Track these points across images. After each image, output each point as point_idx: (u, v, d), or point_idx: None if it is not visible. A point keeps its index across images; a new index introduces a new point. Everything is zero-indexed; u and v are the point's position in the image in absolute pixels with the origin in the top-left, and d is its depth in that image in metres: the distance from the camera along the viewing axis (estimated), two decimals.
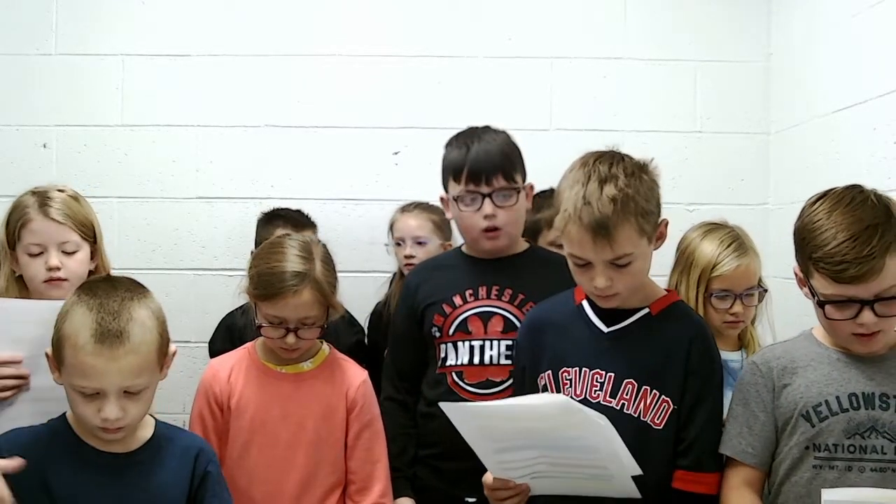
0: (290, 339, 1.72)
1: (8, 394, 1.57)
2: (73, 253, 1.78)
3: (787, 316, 2.01)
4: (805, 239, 1.44)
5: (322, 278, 1.73)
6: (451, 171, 1.88)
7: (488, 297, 1.89)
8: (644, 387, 1.53)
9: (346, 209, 2.62)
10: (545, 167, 1.64)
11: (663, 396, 1.53)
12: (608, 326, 1.58)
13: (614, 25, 2.65)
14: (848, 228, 1.38)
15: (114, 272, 1.70)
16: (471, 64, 2.65)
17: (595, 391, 1.54)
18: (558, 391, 1.56)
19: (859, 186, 1.46)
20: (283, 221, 2.41)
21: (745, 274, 1.89)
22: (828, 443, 1.42)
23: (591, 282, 1.51)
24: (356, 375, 1.84)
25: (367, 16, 2.65)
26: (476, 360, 1.85)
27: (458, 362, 1.87)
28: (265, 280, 1.72)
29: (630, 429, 1.51)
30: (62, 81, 2.63)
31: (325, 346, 1.87)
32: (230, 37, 2.64)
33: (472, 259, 1.95)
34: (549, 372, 1.58)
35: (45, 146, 2.63)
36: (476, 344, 1.86)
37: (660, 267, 2.54)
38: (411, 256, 2.38)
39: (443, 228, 2.43)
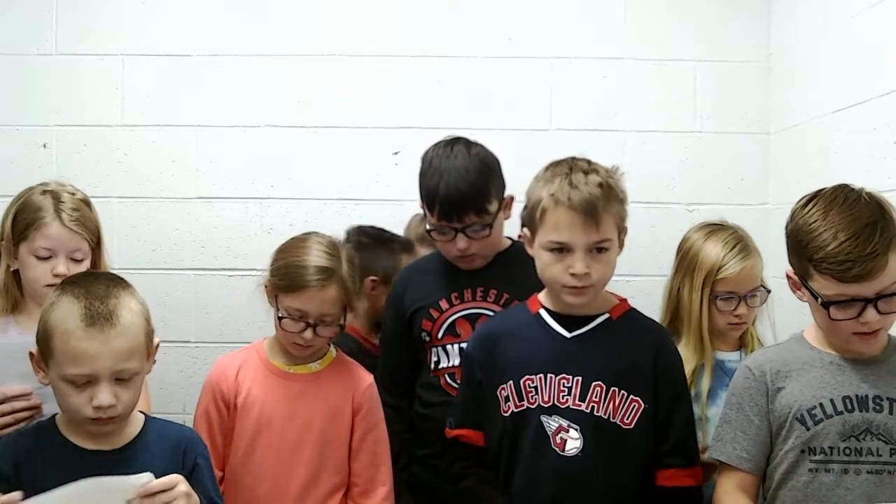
0: (308, 334, 1.73)
1: (23, 424, 1.58)
2: (81, 261, 1.77)
3: (787, 315, 2.01)
4: (802, 241, 1.43)
5: (347, 277, 1.75)
6: (424, 199, 1.89)
7: (474, 300, 1.90)
8: (612, 388, 1.55)
9: (346, 209, 2.62)
10: None
11: (632, 396, 1.55)
12: (570, 332, 1.59)
13: (614, 25, 2.65)
14: (848, 227, 1.37)
15: (113, 272, 1.69)
16: (471, 64, 2.65)
17: (563, 396, 1.55)
18: (521, 400, 1.57)
19: (848, 186, 1.46)
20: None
21: (749, 275, 1.88)
22: (823, 446, 1.42)
23: (569, 269, 1.52)
24: (362, 378, 1.85)
25: (367, 16, 2.65)
26: None
27: (450, 364, 1.88)
28: (292, 271, 1.73)
29: (601, 431, 1.53)
30: (62, 81, 2.63)
31: (333, 349, 1.88)
32: (230, 37, 2.64)
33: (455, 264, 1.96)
34: (511, 382, 1.58)
35: (45, 146, 2.62)
36: (465, 346, 1.87)
37: (658, 267, 2.55)
38: None
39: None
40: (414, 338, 1.94)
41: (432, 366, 1.92)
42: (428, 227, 1.91)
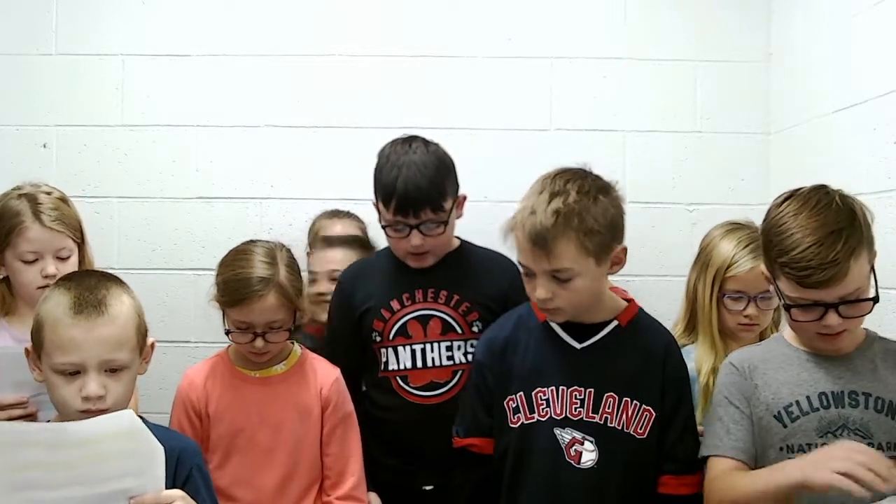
0: (258, 343, 1.75)
1: None
2: (67, 258, 1.80)
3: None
4: (772, 241, 1.44)
5: (286, 282, 1.76)
6: (380, 195, 1.88)
7: (425, 300, 1.90)
8: (625, 398, 1.54)
9: (345, 209, 2.62)
10: (545, 167, 1.64)
11: (644, 406, 1.54)
12: (580, 342, 1.58)
13: (614, 25, 2.65)
14: (813, 233, 1.38)
15: (114, 272, 1.68)
16: (471, 64, 2.64)
17: (575, 408, 1.54)
18: (532, 412, 1.56)
19: (825, 187, 1.46)
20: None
21: (759, 276, 1.83)
22: (801, 443, 1.43)
23: (534, 291, 1.52)
24: (328, 374, 1.86)
25: (366, 16, 2.65)
26: (419, 363, 1.88)
27: (401, 367, 1.88)
28: (231, 286, 1.75)
29: (616, 442, 1.53)
30: (62, 81, 2.62)
31: (297, 348, 1.89)
32: (230, 37, 2.64)
33: (406, 263, 1.95)
34: (521, 394, 1.57)
35: (45, 146, 2.62)
36: (417, 347, 1.88)
37: (659, 267, 2.56)
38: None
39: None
40: (363, 337, 1.94)
41: (382, 366, 1.92)
42: (382, 223, 1.91)
